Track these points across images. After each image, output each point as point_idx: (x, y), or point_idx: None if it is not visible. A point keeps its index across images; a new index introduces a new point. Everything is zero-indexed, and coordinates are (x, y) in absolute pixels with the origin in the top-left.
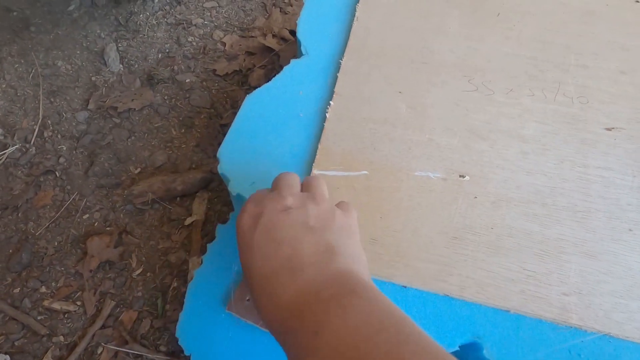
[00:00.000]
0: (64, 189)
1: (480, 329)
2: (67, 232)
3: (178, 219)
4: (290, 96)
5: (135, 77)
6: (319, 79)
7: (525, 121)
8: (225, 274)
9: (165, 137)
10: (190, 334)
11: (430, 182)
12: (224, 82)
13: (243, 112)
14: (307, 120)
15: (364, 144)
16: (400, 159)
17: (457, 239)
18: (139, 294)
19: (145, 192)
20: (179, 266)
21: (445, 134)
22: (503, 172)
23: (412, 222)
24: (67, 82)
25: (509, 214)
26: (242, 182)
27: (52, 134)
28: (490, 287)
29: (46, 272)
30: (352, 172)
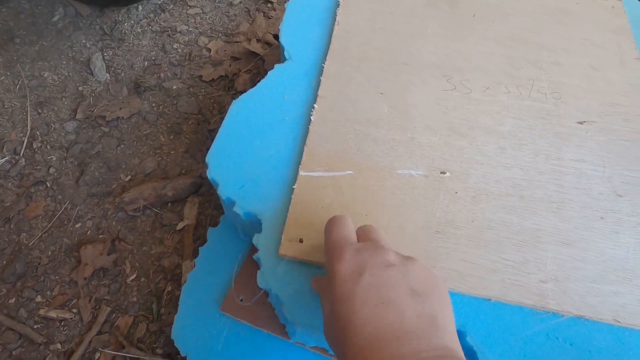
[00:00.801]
0: (56, 199)
1: (464, 318)
2: (60, 242)
3: (170, 224)
4: (276, 100)
5: (122, 86)
6: (303, 83)
7: (502, 117)
8: (218, 276)
9: (154, 144)
10: (186, 335)
11: (412, 180)
12: (210, 87)
13: (230, 117)
14: (293, 123)
15: (348, 144)
16: (384, 158)
17: (439, 233)
18: (133, 299)
19: (137, 199)
20: (173, 270)
21: (426, 132)
22: (482, 167)
23: (397, 218)
24: (54, 92)
25: (488, 208)
26: (231, 186)
27: (42, 144)
28: (471, 277)
29: (41, 282)
30: (338, 172)
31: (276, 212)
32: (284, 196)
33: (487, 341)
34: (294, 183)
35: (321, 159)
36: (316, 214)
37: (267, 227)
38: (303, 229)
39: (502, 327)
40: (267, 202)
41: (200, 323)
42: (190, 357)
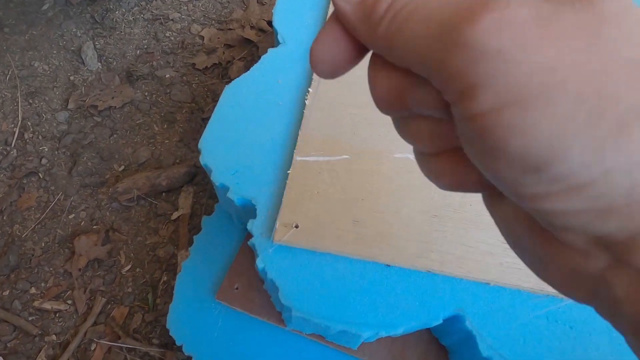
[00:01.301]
0: (48, 190)
1: (462, 302)
2: (53, 233)
3: (164, 214)
4: (269, 85)
5: (114, 75)
6: (297, 67)
7: None
8: (213, 264)
9: (148, 134)
10: (181, 324)
11: (409, 163)
12: (204, 75)
13: (222, 102)
14: (287, 108)
15: (344, 129)
16: (380, 141)
17: (437, 217)
18: (129, 289)
19: (130, 189)
20: (168, 260)
21: None
22: None
23: (394, 203)
24: (45, 82)
25: None
26: (225, 172)
27: (33, 135)
28: (469, 261)
29: (35, 273)
30: (334, 157)
31: (271, 198)
32: (278, 181)
33: (487, 325)
34: (289, 168)
35: (317, 143)
36: (312, 199)
37: (261, 213)
38: (299, 214)
39: (502, 311)
40: (261, 187)
41: (195, 312)
42: (186, 346)
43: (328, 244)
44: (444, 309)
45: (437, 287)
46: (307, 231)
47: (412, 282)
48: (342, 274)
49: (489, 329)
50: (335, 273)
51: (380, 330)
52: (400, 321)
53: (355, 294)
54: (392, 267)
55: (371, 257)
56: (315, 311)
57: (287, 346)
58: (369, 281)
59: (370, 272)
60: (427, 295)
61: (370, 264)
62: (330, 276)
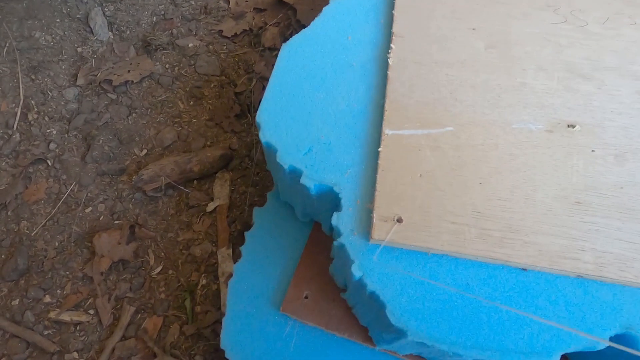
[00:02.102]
0: (59, 180)
1: (631, 317)
2: (68, 230)
3: (198, 205)
4: (337, 42)
5: (128, 45)
6: (370, 20)
7: (633, 55)
8: (272, 267)
9: (172, 112)
10: (239, 343)
11: (532, 136)
12: (232, 44)
13: (281, 64)
14: (363, 69)
15: (441, 93)
16: (490, 109)
17: (581, 204)
18: (161, 295)
19: (157, 176)
20: (206, 260)
21: (540, 75)
22: (620, 117)
23: (521, 186)
24: (48, 55)
25: (638, 169)
26: (295, 152)
27: (38, 116)
28: (635, 261)
29: (48, 279)
30: (434, 130)
31: (358, 183)
32: (366, 162)
33: None
34: (378, 144)
35: (410, 112)
36: (414, 184)
37: (348, 203)
38: (400, 204)
39: None
40: (344, 169)
41: (256, 328)
42: None
43: (444, 243)
44: (608, 326)
45: (595, 297)
46: (414, 226)
47: (560, 292)
48: (466, 282)
49: None
50: (457, 281)
51: (529, 358)
52: (554, 345)
53: (488, 310)
54: (531, 272)
55: (503, 259)
56: (439, 335)
57: None
58: (503, 291)
59: (503, 278)
60: (581, 308)
61: (502, 268)
62: (450, 285)
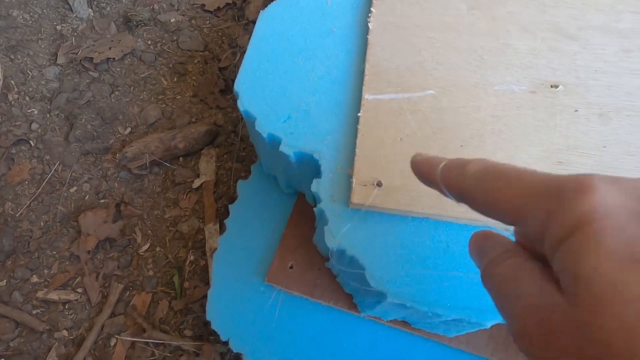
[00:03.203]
0: (43, 160)
1: None
2: (53, 210)
3: (184, 182)
4: (316, 8)
5: (109, 22)
6: None
7: (618, 12)
8: (256, 239)
9: (156, 89)
10: (226, 315)
11: (515, 97)
12: (215, 18)
13: (259, 31)
14: (343, 34)
15: (423, 57)
16: (473, 71)
17: (562, 164)
18: (149, 273)
19: (142, 154)
20: (193, 236)
21: (524, 36)
22: (605, 76)
23: (503, 148)
24: (27, 34)
25: (622, 127)
26: (274, 119)
27: (19, 96)
28: None
29: (35, 259)
30: (415, 93)
31: (338, 149)
32: (345, 127)
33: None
34: (358, 110)
35: (390, 77)
36: (394, 148)
37: (328, 170)
38: (379, 168)
39: None
40: (323, 136)
41: (241, 299)
42: (234, 341)
43: (425, 206)
44: None
45: None
46: (395, 190)
47: None
48: (446, 244)
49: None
50: (437, 243)
51: None
52: None
53: (467, 269)
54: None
55: (484, 221)
56: (418, 295)
57: (364, 336)
58: None
59: None
60: None
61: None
62: (430, 247)
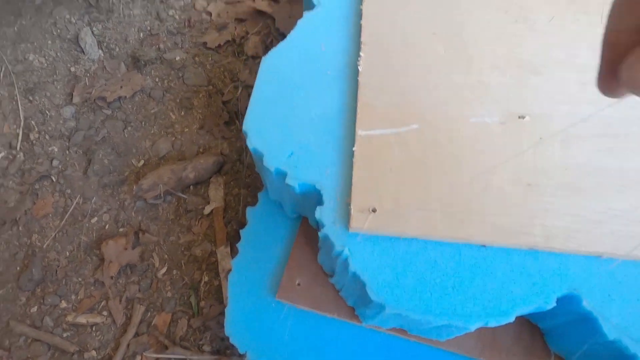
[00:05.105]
0: (64, 194)
1: (576, 280)
2: (77, 240)
3: (195, 209)
4: (312, 52)
5: (118, 62)
6: (340, 30)
7: (576, 49)
8: (266, 260)
9: (165, 123)
10: (242, 329)
11: (488, 128)
12: (217, 54)
13: (262, 76)
14: (337, 76)
15: (407, 95)
16: (451, 106)
17: (532, 186)
18: (168, 294)
19: (156, 185)
20: (207, 259)
21: (494, 72)
22: (565, 107)
23: (479, 174)
24: (43, 76)
25: (580, 152)
26: (279, 155)
27: (39, 135)
28: (578, 232)
29: (63, 286)
30: (401, 128)
31: (337, 180)
32: (343, 161)
33: (607, 304)
34: (353, 144)
35: (379, 114)
36: (386, 178)
37: (329, 198)
38: (374, 196)
39: (622, 286)
40: (324, 169)
41: (256, 314)
42: (252, 353)
43: (414, 228)
44: (556, 289)
45: (544, 265)
46: (387, 215)
47: (515, 262)
48: (434, 260)
49: (611, 308)
50: (426, 260)
51: (489, 320)
52: (510, 308)
53: (453, 282)
54: (490, 248)
55: (465, 238)
56: (412, 306)
57: (366, 343)
58: (466, 266)
59: (467, 254)
60: (535, 275)
61: (464, 246)
62: (420, 264)
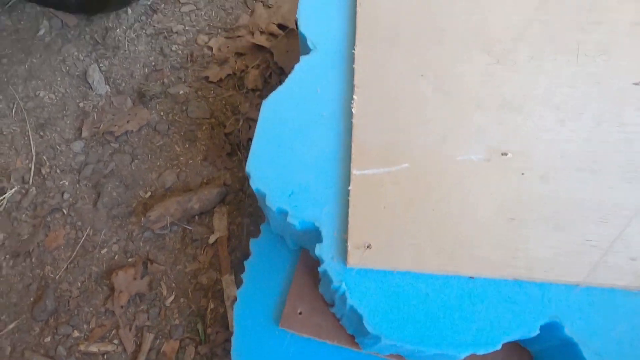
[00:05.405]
0: (75, 226)
1: (557, 308)
2: (88, 271)
3: (201, 238)
4: (308, 96)
5: (125, 97)
6: (334, 74)
7: (554, 87)
8: (270, 289)
9: (170, 155)
10: (248, 357)
11: (474, 165)
12: (219, 88)
13: (263, 119)
14: (332, 118)
15: (398, 135)
16: (439, 145)
17: (514, 220)
18: (176, 322)
19: (163, 217)
20: (212, 286)
21: (478, 112)
22: (544, 143)
23: (466, 208)
24: (53, 112)
25: (560, 186)
26: (280, 195)
27: (50, 169)
28: (557, 263)
29: (75, 316)
30: (393, 167)
31: (334, 218)
32: (339, 199)
33: (588, 331)
34: (348, 184)
35: (373, 154)
36: (379, 215)
37: (327, 236)
38: (369, 233)
39: (601, 313)
40: (322, 207)
41: (260, 342)
42: None
43: (407, 263)
44: (539, 317)
45: (528, 294)
46: (382, 251)
47: (501, 293)
48: (425, 293)
49: (591, 334)
50: (418, 292)
51: (478, 348)
52: (497, 336)
53: (444, 312)
54: (477, 278)
55: (454, 271)
56: (406, 336)
57: None
58: (455, 297)
59: (456, 286)
60: (519, 304)
61: (454, 277)
62: (413, 297)
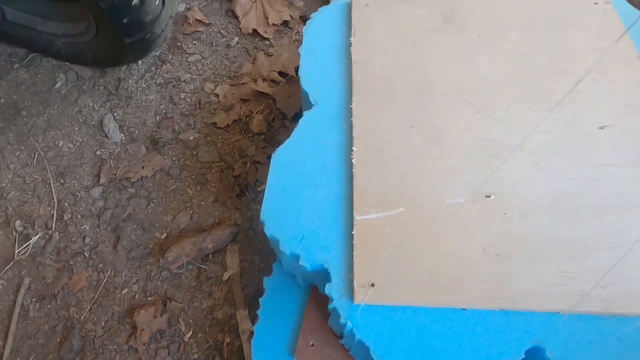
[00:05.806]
0: (97, 268)
1: (539, 334)
2: (111, 310)
3: (215, 276)
4: (313, 147)
5: (139, 144)
6: (335, 126)
7: (529, 133)
8: (284, 324)
9: (183, 198)
10: None
11: (461, 208)
12: (226, 133)
13: (274, 171)
14: (334, 167)
15: (394, 182)
16: (430, 190)
17: (499, 256)
18: (195, 356)
19: (179, 257)
20: (228, 321)
21: (463, 158)
22: (521, 185)
23: (456, 247)
24: (72, 160)
25: (538, 224)
26: (292, 240)
27: (72, 215)
28: (538, 294)
29: (100, 354)
30: (390, 212)
31: (341, 260)
32: (345, 242)
33: (567, 355)
34: (352, 228)
35: (372, 200)
36: (381, 256)
37: (336, 276)
38: (372, 272)
39: (577, 336)
40: (330, 250)
41: None
42: None
43: (407, 298)
44: (523, 343)
45: (513, 323)
46: (384, 288)
47: (489, 322)
48: (424, 324)
49: (569, 356)
50: (417, 324)
51: None
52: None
53: (440, 342)
54: (468, 310)
55: (448, 304)
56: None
57: None
58: (450, 327)
59: (449, 317)
60: (506, 332)
61: (448, 309)
62: (413, 328)
